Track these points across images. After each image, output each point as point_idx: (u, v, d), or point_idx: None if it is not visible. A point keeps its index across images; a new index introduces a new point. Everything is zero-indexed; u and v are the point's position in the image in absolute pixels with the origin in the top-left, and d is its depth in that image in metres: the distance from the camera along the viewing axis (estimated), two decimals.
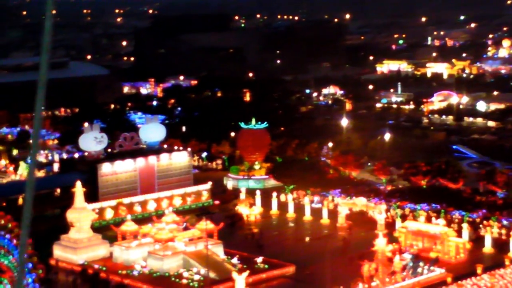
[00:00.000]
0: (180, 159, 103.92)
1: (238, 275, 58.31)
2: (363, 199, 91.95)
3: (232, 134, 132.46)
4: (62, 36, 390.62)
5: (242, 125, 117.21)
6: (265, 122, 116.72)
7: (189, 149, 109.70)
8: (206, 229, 77.16)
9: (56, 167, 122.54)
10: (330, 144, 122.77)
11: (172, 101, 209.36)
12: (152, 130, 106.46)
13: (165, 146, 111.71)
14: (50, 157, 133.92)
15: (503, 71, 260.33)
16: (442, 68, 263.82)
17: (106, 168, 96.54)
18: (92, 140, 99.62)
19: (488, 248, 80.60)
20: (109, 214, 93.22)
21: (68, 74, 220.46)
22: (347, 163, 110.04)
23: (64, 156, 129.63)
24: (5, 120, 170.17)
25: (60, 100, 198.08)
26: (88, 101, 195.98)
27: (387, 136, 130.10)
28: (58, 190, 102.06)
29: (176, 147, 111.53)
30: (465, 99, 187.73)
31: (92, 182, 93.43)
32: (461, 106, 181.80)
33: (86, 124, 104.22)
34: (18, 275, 15.44)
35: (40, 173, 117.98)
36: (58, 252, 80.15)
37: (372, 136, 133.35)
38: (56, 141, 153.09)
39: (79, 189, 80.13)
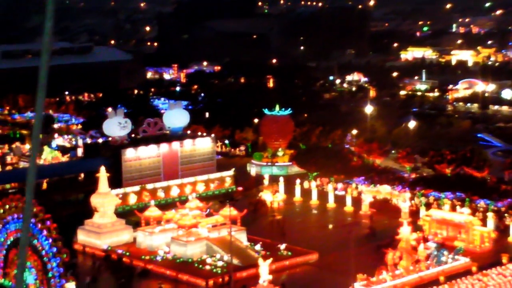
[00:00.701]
0: (203, 145, 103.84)
1: (263, 262, 58.07)
2: (387, 187, 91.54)
3: (256, 120, 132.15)
4: (86, 22, 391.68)
5: (266, 111, 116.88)
6: (289, 109, 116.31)
7: (212, 135, 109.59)
8: (230, 215, 77.00)
9: (80, 152, 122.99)
10: (354, 132, 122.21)
11: (195, 87, 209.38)
12: (176, 116, 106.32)
13: (189, 132, 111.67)
14: (74, 142, 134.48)
15: None
16: (467, 56, 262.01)
17: (129, 154, 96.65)
18: (116, 126, 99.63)
19: None
20: (132, 200, 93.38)
21: (92, 59, 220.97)
22: (371, 150, 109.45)
23: (88, 141, 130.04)
24: (30, 105, 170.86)
25: (83, 85, 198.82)
26: (112, 86, 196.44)
27: (412, 124, 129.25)
28: (82, 175, 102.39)
29: (199, 133, 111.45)
30: (490, 87, 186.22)
31: (115, 167, 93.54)
32: (486, 94, 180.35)
33: (110, 109, 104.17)
34: (18, 272, 15.14)
35: (64, 158, 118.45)
36: (82, 237, 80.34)
37: (397, 123, 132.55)
38: (79, 126, 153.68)
39: (103, 174, 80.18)
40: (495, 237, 78.87)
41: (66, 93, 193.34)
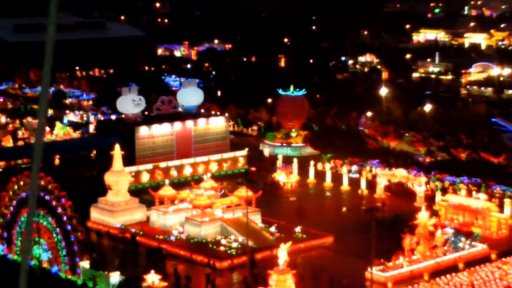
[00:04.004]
0: (217, 124, 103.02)
1: (284, 245, 57.34)
2: (403, 171, 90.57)
3: (269, 100, 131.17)
4: None
5: (280, 91, 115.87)
6: (303, 89, 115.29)
7: (226, 114, 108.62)
8: (246, 196, 76.27)
9: (91, 128, 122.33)
10: (369, 114, 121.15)
11: (207, 64, 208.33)
12: (190, 94, 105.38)
13: (202, 110, 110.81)
14: (85, 118, 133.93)
15: None
16: (480, 39, 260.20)
17: (143, 131, 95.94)
18: (130, 103, 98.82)
19: None
20: (145, 178, 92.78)
21: (105, 35, 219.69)
22: (387, 133, 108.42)
23: (100, 117, 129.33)
24: (41, 80, 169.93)
25: (95, 61, 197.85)
26: (124, 63, 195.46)
27: (428, 107, 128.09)
28: (94, 152, 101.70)
29: (213, 112, 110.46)
30: (506, 71, 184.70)
31: (129, 145, 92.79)
32: (501, 78, 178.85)
33: (124, 88, 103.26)
34: (22, 258, 14.65)
35: (76, 134, 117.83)
36: (95, 214, 79.71)
37: (412, 106, 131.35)
38: (91, 102, 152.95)
39: (117, 151, 79.44)
40: None
41: (77, 68, 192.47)
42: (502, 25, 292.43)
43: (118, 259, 68.23)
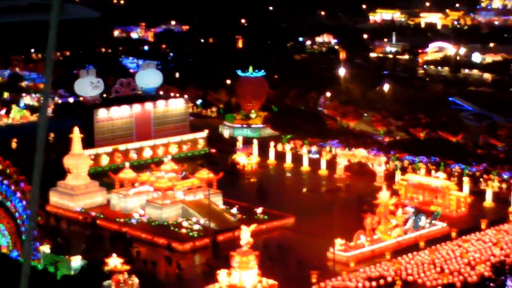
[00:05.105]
0: (176, 106, 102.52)
1: (247, 227, 57.31)
2: (363, 151, 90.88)
3: (228, 81, 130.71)
4: None
5: (239, 72, 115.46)
6: (262, 70, 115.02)
7: (185, 96, 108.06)
8: (207, 178, 76.06)
9: (49, 111, 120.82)
10: (328, 94, 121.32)
11: (164, 46, 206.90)
12: (149, 76, 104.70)
13: (161, 92, 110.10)
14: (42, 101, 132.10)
15: (496, 22, 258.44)
16: (435, 19, 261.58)
17: (102, 114, 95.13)
18: (88, 85, 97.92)
19: (488, 202, 79.96)
20: (104, 161, 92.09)
21: (61, 16, 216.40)
22: (346, 113, 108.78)
23: (57, 100, 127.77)
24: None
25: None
26: (80, 45, 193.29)
27: (386, 87, 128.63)
28: (52, 135, 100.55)
29: (172, 94, 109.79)
30: (462, 51, 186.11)
31: (88, 127, 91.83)
32: (457, 58, 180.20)
33: (82, 71, 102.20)
34: (25, 250, 14.35)
35: (33, 117, 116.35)
36: (55, 198, 78.91)
37: (370, 86, 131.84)
38: None
39: (76, 135, 78.71)
40: (471, 202, 78.72)
41: (32, 50, 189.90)
42: (457, 5, 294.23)
43: (84, 243, 67.74)
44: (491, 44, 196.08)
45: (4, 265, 58.86)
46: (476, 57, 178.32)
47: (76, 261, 59.80)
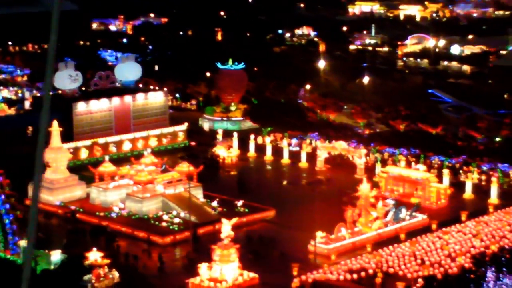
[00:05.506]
0: (156, 99, 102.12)
1: (228, 221, 57.17)
2: (343, 143, 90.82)
3: (208, 74, 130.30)
4: None
5: (219, 65, 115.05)
6: (242, 63, 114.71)
7: (165, 88, 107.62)
8: (187, 171, 75.78)
9: (27, 104, 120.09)
10: (308, 86, 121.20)
11: (143, 39, 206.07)
12: (128, 69, 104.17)
13: (141, 85, 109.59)
14: (20, 95, 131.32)
15: (475, 15, 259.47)
16: (414, 11, 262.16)
17: (81, 107, 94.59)
18: (67, 78, 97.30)
19: (468, 194, 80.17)
20: (83, 154, 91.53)
21: (38, 9, 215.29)
22: (326, 105, 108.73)
23: (35, 93, 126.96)
24: None
25: (29, 36, 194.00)
26: (58, 37, 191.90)
27: (366, 79, 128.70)
28: (31, 129, 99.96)
29: (151, 87, 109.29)
30: (441, 43, 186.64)
31: (66, 121, 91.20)
32: (436, 50, 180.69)
33: (60, 63, 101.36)
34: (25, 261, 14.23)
35: (11, 111, 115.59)
36: None
37: (350, 78, 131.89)
38: (25, 78, 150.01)
39: (55, 128, 78.10)
40: (450, 193, 78.91)
41: (10, 43, 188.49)
42: None
43: (65, 238, 67.24)
44: (470, 36, 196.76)
45: None
46: (455, 49, 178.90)
47: (56, 256, 59.37)
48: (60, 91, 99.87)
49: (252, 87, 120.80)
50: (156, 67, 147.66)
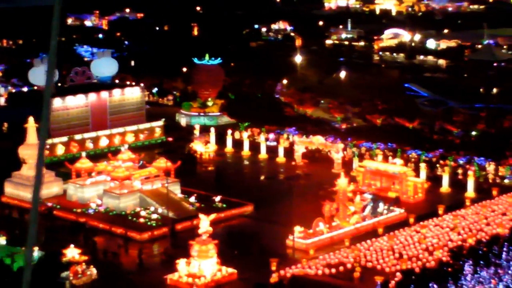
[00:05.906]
0: (132, 94, 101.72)
1: (206, 216, 57.09)
2: (320, 138, 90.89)
3: (184, 69, 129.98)
4: None
5: (196, 60, 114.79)
6: (219, 58, 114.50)
7: (141, 84, 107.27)
8: (165, 167, 75.55)
9: (2, 100, 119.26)
10: (285, 81, 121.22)
11: (119, 34, 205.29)
12: (104, 65, 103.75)
13: (117, 81, 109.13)
14: None
15: (450, 9, 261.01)
16: (390, 5, 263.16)
17: (57, 103, 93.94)
18: (42, 74, 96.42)
19: (445, 187, 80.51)
20: (60, 150, 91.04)
21: (12, 4, 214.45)
22: (303, 100, 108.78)
23: (10, 89, 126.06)
24: None
25: (3, 31, 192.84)
26: (33, 33, 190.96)
27: (342, 74, 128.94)
28: (6, 125, 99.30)
29: (128, 82, 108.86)
30: (416, 37, 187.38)
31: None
32: (412, 44, 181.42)
33: (36, 59, 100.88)
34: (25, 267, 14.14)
35: None
36: (9, 189, 77.81)
37: (327, 73, 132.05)
38: (0, 74, 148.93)
39: (31, 125, 77.63)
40: (427, 187, 79.19)
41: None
42: None
43: (43, 235, 66.79)
44: (445, 31, 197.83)
45: None
46: (431, 44, 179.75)
47: (33, 253, 58.93)
48: (36, 87, 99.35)
49: (229, 82, 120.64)
50: (133, 63, 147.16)
